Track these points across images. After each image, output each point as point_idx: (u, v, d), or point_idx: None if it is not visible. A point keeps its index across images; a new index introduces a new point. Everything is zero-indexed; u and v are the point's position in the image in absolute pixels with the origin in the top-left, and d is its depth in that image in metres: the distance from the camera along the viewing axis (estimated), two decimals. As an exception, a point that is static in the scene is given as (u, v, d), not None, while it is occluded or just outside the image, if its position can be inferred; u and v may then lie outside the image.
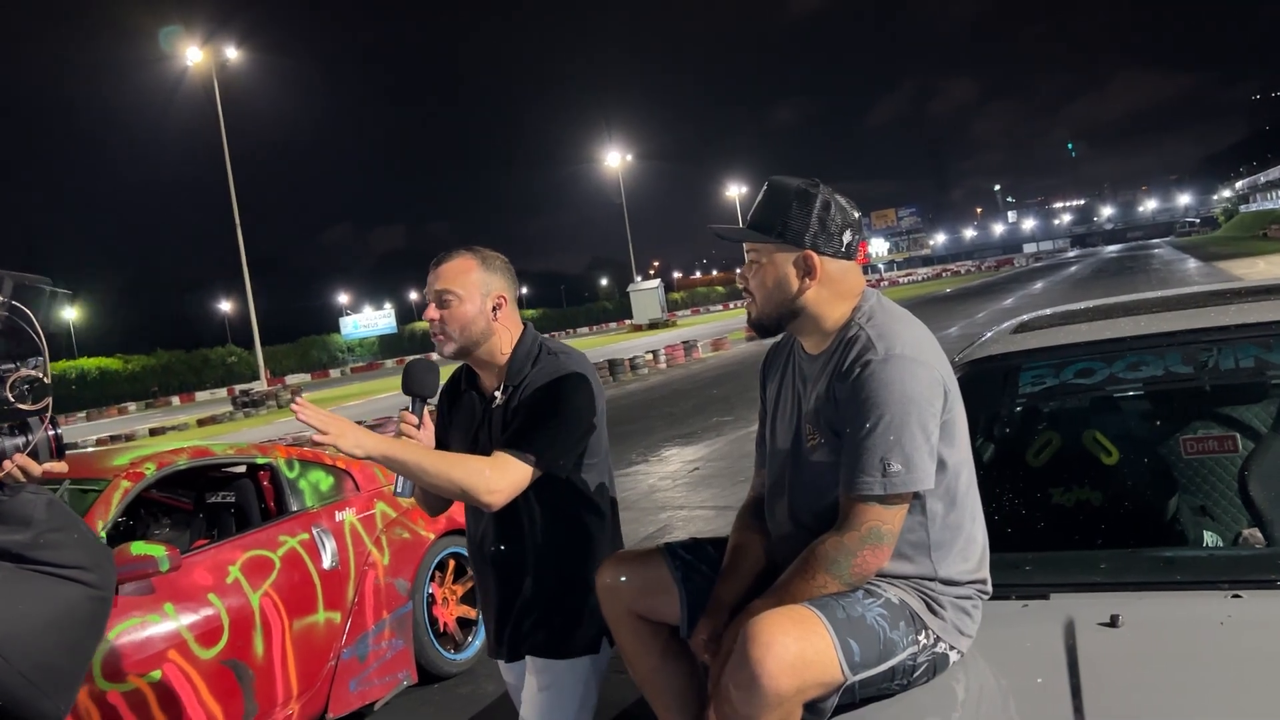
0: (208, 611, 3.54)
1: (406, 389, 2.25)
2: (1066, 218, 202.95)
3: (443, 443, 2.40)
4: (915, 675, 1.73)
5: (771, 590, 1.76)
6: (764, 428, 2.09)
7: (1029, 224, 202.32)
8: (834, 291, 1.87)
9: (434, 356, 2.42)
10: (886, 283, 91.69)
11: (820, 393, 1.85)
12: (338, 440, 1.96)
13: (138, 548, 3.29)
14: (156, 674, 3.31)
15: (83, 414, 54.01)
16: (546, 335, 2.44)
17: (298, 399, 2.00)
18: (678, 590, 2.00)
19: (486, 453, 2.18)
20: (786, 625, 1.59)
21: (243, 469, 4.33)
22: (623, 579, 2.03)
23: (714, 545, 2.09)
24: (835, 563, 1.71)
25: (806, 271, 1.85)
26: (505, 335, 2.29)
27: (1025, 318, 3.02)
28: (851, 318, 1.87)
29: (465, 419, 2.38)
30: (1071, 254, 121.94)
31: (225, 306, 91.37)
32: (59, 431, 1.78)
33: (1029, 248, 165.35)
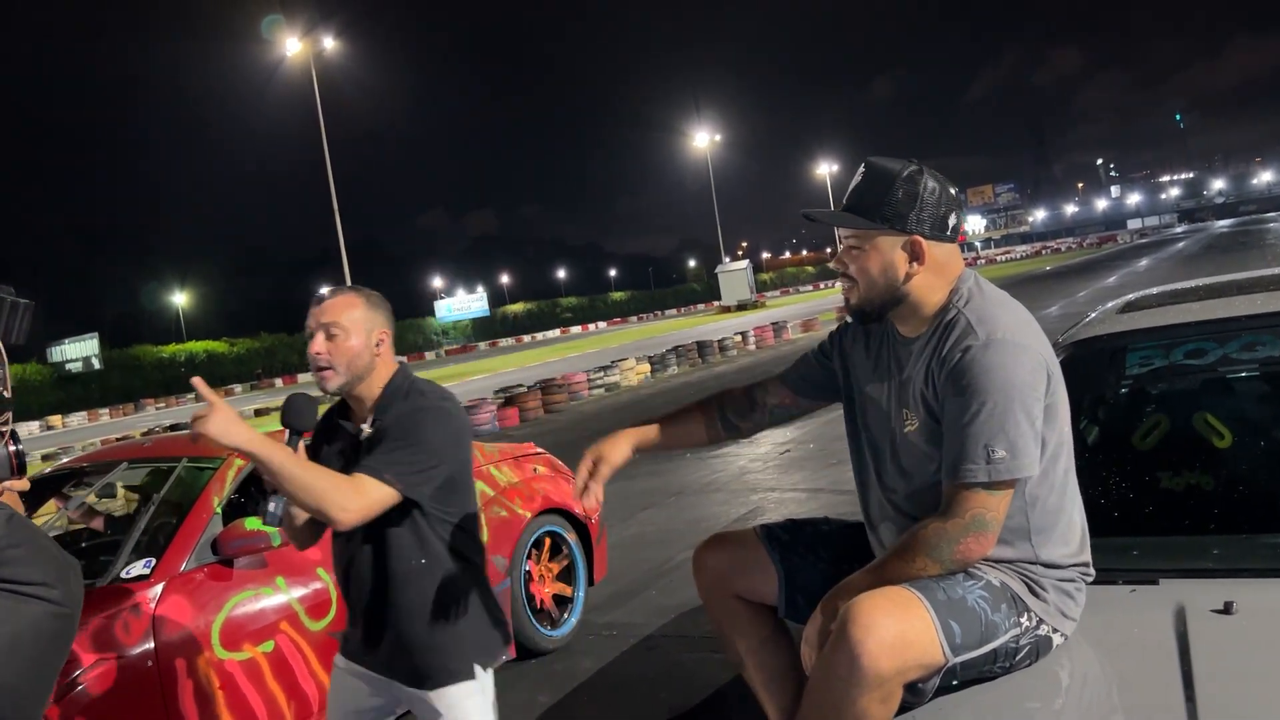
0: (317, 585, 3.67)
1: (285, 422, 2.26)
2: (1174, 192, 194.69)
3: None
4: (1018, 658, 1.72)
5: (869, 570, 1.76)
6: (803, 368, 2.18)
7: (1134, 199, 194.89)
8: (938, 276, 1.84)
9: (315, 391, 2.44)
10: (983, 261, 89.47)
11: (918, 377, 1.83)
12: (207, 424, 1.94)
13: (251, 523, 3.43)
14: (270, 644, 3.45)
15: (191, 395, 56.31)
16: (420, 376, 2.46)
17: (195, 378, 2.04)
18: (776, 571, 2.02)
19: None
20: (887, 606, 1.59)
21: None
22: (722, 561, 2.06)
23: (811, 526, 2.10)
24: (937, 548, 1.70)
25: (914, 257, 1.82)
26: (384, 370, 2.34)
27: (1132, 296, 2.93)
28: (949, 301, 1.83)
29: (336, 450, 2.40)
30: (1179, 229, 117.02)
31: (325, 291, 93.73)
32: (20, 448, 1.76)
33: (1133, 223, 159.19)
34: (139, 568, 3.38)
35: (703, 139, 74.30)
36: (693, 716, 3.81)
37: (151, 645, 3.13)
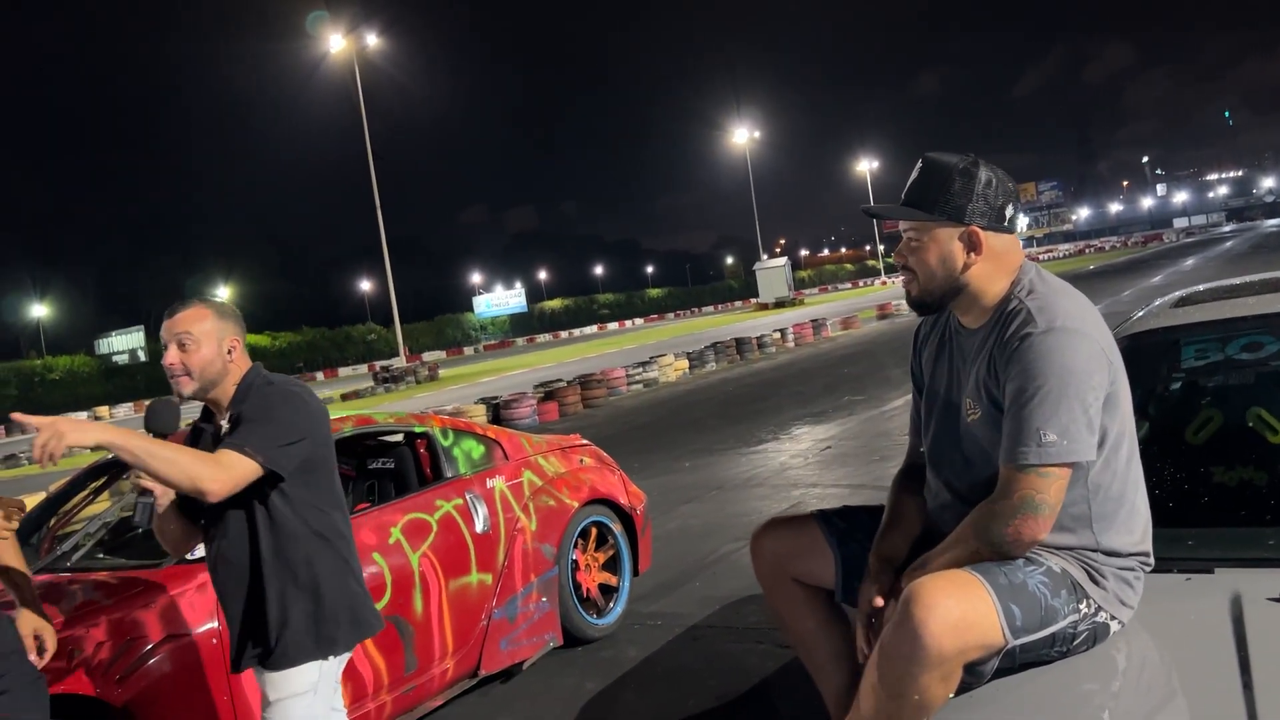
0: (372, 569, 3.76)
1: (149, 426, 2.37)
2: (1222, 190, 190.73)
3: None
4: (1075, 643, 1.75)
5: (929, 555, 1.80)
6: (919, 398, 2.11)
7: (1180, 197, 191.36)
8: (997, 266, 1.88)
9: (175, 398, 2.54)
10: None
11: (981, 366, 1.86)
12: (61, 437, 2.02)
13: (310, 508, 3.53)
14: (326, 625, 3.54)
15: (236, 388, 57.24)
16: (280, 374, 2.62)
17: (15, 414, 2.23)
18: (833, 554, 2.06)
19: None
20: (949, 588, 1.63)
21: (401, 437, 4.57)
22: (779, 544, 2.10)
23: (867, 513, 2.14)
24: (988, 529, 1.74)
25: (972, 247, 1.86)
26: (237, 374, 2.48)
27: (1184, 292, 2.94)
28: (1011, 291, 1.87)
29: (202, 450, 2.47)
30: (1227, 228, 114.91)
31: (366, 285, 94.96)
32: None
33: (1179, 222, 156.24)
34: (202, 549, 3.48)
35: (742, 136, 74.14)
36: (740, 705, 3.86)
37: (216, 624, 3.23)
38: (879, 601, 1.87)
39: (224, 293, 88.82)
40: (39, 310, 71.26)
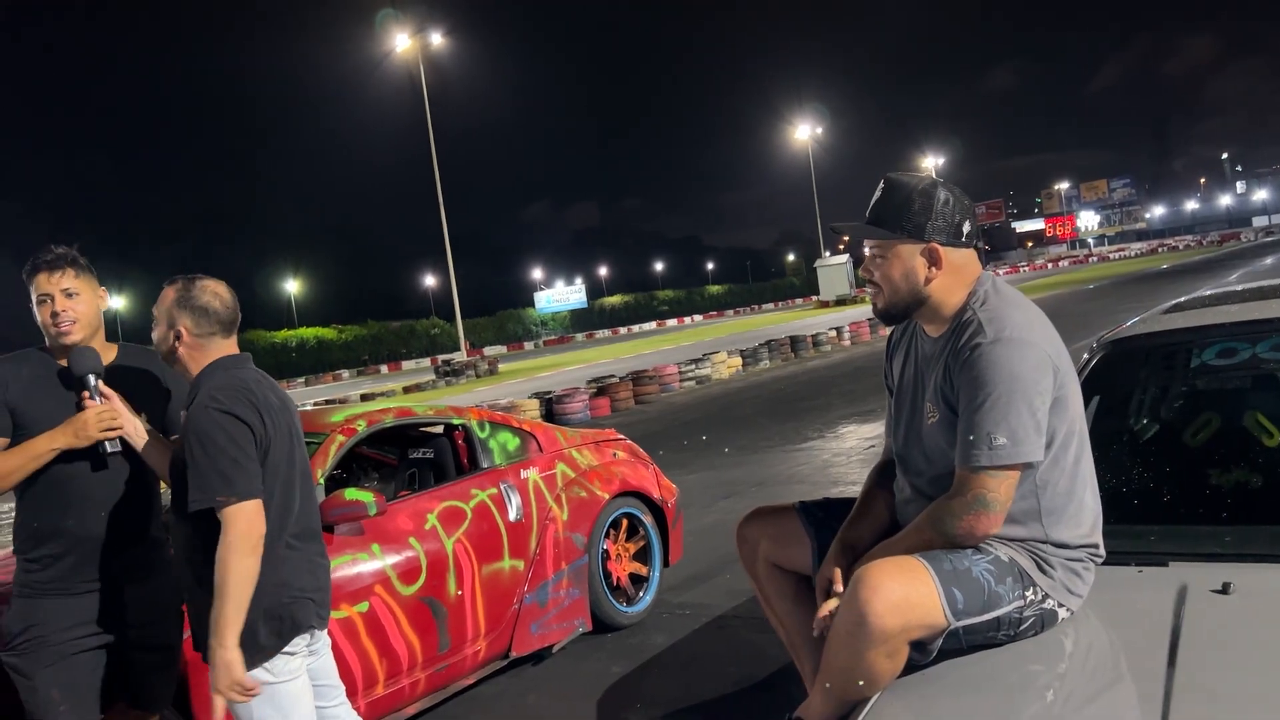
0: (409, 553, 3.98)
1: (80, 370, 2.61)
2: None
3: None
4: (1022, 628, 1.88)
5: (885, 545, 1.96)
6: (890, 400, 2.26)
7: (1260, 195, 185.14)
8: (956, 279, 2.02)
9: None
10: (1095, 258, 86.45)
11: (938, 372, 2.01)
12: (231, 668, 2.27)
13: (350, 493, 3.76)
14: (365, 605, 3.77)
15: (302, 379, 58.81)
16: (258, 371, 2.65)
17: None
18: (810, 542, 2.22)
19: None
20: (894, 571, 1.78)
21: (440, 429, 4.79)
22: (760, 532, 2.26)
23: (844, 504, 2.28)
24: (942, 523, 1.88)
25: (933, 262, 2.01)
26: (191, 362, 2.54)
27: (1182, 299, 3.02)
28: (966, 302, 2.01)
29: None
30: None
31: (430, 280, 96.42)
32: None
33: (1259, 220, 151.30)
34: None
35: (805, 132, 73.72)
36: (758, 690, 4.01)
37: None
38: (836, 580, 2.02)
39: (292, 286, 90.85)
40: (116, 303, 73.79)
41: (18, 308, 2.83)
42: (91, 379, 2.62)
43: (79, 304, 2.66)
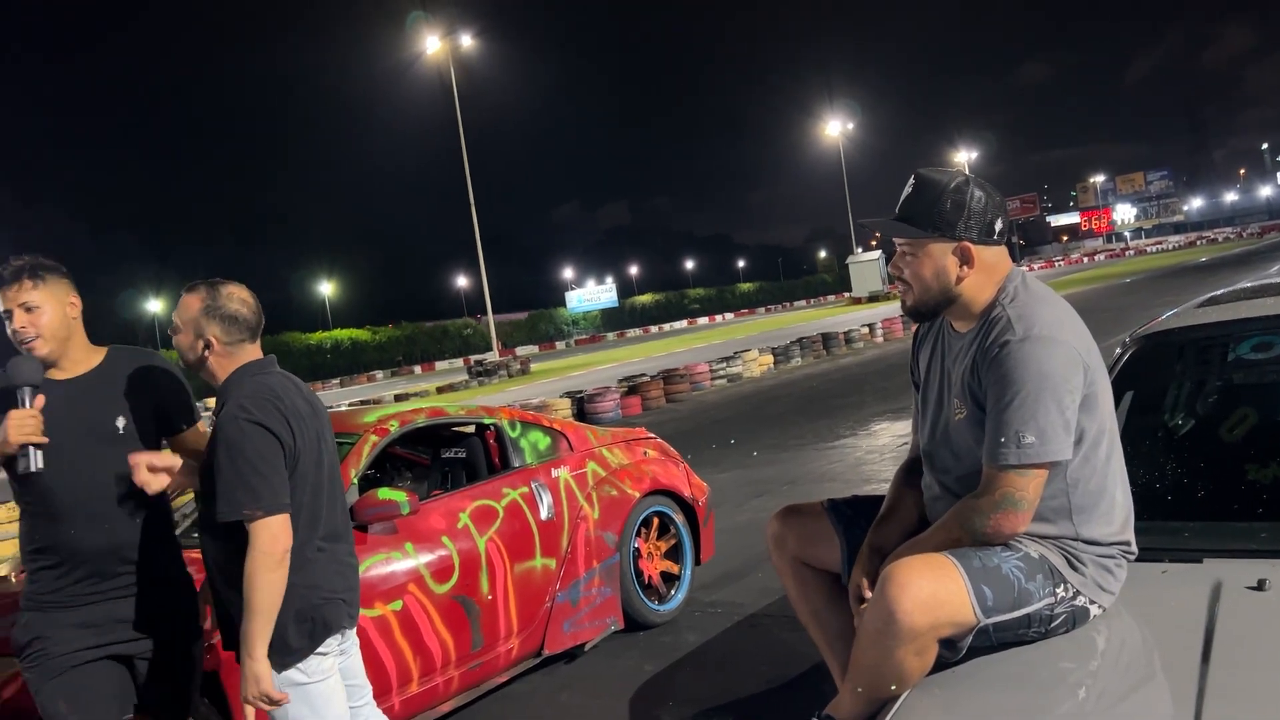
0: (441, 552, 4.02)
1: (13, 380, 2.52)
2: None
3: None
4: (1053, 625, 1.87)
5: (913, 543, 1.95)
6: (917, 397, 2.25)
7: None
8: (987, 277, 2.01)
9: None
10: (1133, 251, 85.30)
11: (965, 369, 2.00)
12: (259, 681, 2.30)
13: (384, 493, 3.80)
14: (399, 603, 3.81)
15: (337, 380, 59.38)
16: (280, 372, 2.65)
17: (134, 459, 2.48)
18: (839, 541, 2.21)
19: None
20: (922, 569, 1.77)
21: (472, 428, 4.83)
22: (789, 530, 2.26)
23: (873, 503, 2.28)
24: (970, 522, 1.87)
25: (964, 261, 2.00)
26: (219, 369, 2.54)
27: (1218, 292, 2.98)
28: (996, 299, 2.00)
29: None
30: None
31: (462, 281, 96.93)
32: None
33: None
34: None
35: (835, 128, 73.34)
36: (789, 688, 4.00)
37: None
38: (864, 588, 2.02)
39: (326, 288, 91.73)
40: (154, 306, 74.82)
41: None
42: (26, 391, 2.55)
43: (40, 317, 2.57)
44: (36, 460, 2.50)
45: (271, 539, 2.33)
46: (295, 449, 2.45)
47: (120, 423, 2.63)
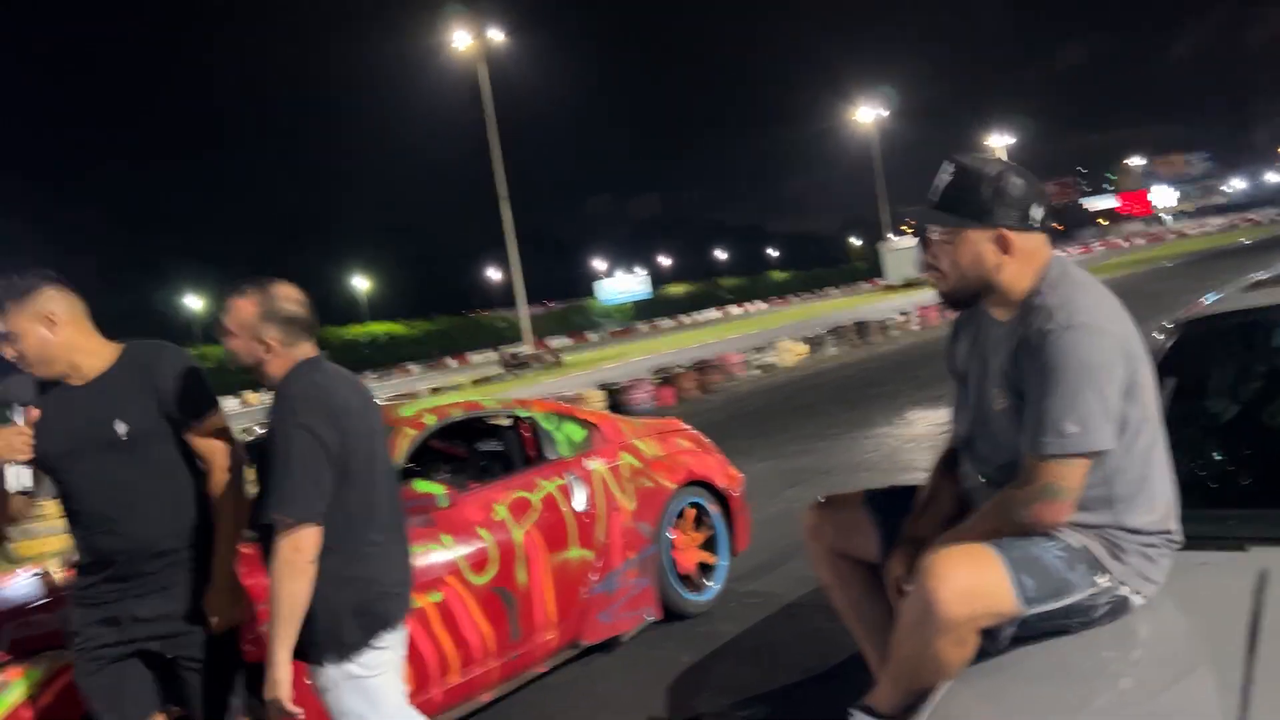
0: (479, 544, 4.05)
1: (12, 396, 2.52)
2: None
3: None
4: (1095, 615, 1.85)
5: (953, 532, 1.93)
6: (957, 385, 2.23)
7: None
8: (1026, 264, 1.99)
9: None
10: (1173, 235, 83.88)
11: (1005, 357, 1.98)
12: (277, 686, 2.32)
13: (420, 485, 3.84)
14: (438, 595, 3.84)
15: (374, 374, 59.98)
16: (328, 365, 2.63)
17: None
18: (876, 531, 2.20)
19: None
20: (962, 559, 1.76)
21: (508, 421, 4.86)
22: (826, 522, 2.26)
23: (910, 491, 2.26)
24: (1011, 512, 1.86)
25: (1003, 249, 1.97)
26: (277, 370, 2.54)
27: (1261, 275, 2.93)
28: (1036, 286, 1.97)
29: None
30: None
31: (495, 274, 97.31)
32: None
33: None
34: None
35: (868, 115, 72.75)
36: (827, 677, 3.99)
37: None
38: (903, 576, 2.01)
39: (362, 283, 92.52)
40: (194, 303, 75.82)
41: (98, 315, 2.78)
42: (16, 408, 2.55)
43: (19, 343, 2.54)
44: (21, 478, 2.49)
45: (294, 548, 2.34)
46: (344, 450, 2.45)
47: (120, 428, 2.59)
